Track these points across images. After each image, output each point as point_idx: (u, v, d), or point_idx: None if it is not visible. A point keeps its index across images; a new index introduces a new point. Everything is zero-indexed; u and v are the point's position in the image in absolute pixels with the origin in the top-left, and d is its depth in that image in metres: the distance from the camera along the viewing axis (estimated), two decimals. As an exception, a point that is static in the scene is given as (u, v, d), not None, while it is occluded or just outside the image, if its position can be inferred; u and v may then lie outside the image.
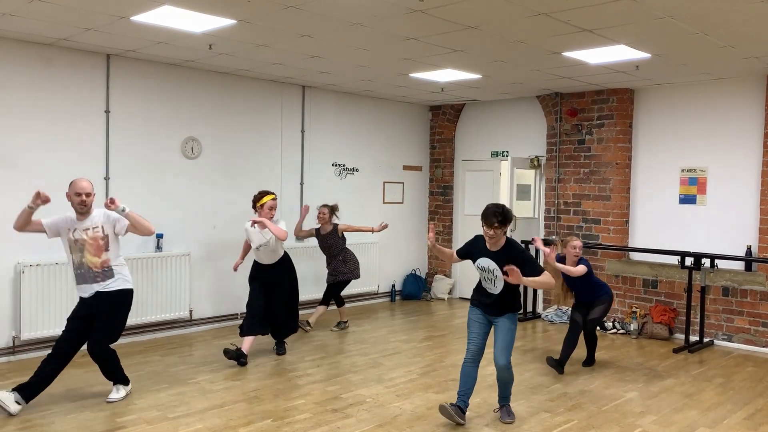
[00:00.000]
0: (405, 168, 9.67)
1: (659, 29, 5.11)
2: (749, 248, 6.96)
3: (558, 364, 5.91)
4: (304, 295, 7.86)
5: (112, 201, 4.63)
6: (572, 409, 4.92)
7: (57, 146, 6.18)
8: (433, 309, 8.94)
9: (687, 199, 7.53)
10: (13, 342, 5.99)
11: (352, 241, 8.77)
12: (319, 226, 7.39)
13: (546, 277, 4.38)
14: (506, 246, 4.45)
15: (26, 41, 5.91)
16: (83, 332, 4.83)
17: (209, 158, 7.31)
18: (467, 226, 9.63)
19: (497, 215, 4.35)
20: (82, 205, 4.71)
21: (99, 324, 4.81)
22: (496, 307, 4.52)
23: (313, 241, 7.62)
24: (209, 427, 4.42)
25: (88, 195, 4.72)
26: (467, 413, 4.64)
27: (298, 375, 5.67)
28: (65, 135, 6.23)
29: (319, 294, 7.94)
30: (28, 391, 4.65)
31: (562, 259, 6.04)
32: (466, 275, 9.65)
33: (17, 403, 4.59)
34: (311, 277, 8.19)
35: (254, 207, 6.19)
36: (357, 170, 8.96)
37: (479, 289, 4.66)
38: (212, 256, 7.37)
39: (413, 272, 9.70)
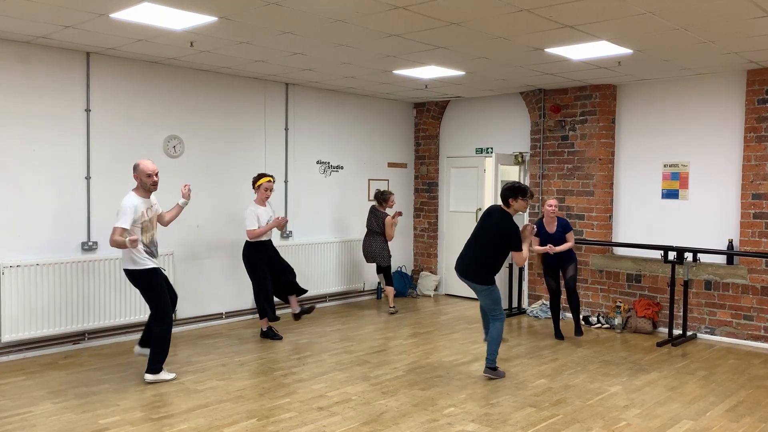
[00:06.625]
0: (390, 165, 9.66)
1: (640, 25, 5.13)
2: (731, 242, 7.03)
3: (558, 335, 7.03)
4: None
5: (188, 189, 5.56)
6: (557, 404, 4.95)
7: (37, 146, 6.10)
8: (419, 306, 8.95)
9: (669, 194, 7.58)
10: (-6, 344, 5.92)
11: (333, 238, 8.76)
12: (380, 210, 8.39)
13: None
14: None
15: (3, 39, 5.82)
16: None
17: (192, 157, 7.25)
18: (452, 222, 9.65)
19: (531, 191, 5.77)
20: (154, 185, 5.26)
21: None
22: None
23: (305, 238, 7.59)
24: (194, 427, 4.39)
25: (157, 174, 5.27)
26: (455, 410, 4.65)
27: (283, 374, 5.65)
28: (45, 135, 6.15)
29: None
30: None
31: (541, 223, 6.93)
32: (452, 272, 9.65)
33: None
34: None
35: (253, 187, 6.75)
36: (341, 168, 8.94)
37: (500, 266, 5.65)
38: (196, 256, 7.31)
39: (399, 269, 9.70)
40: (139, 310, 6.69)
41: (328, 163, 8.76)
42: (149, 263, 5.20)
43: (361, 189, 9.18)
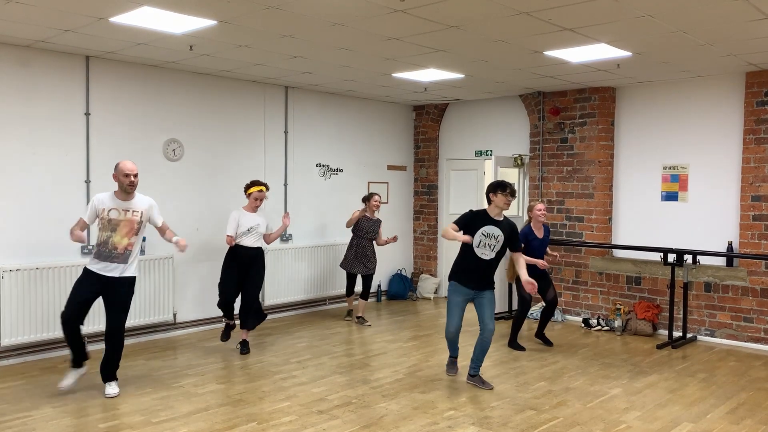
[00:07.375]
0: (389, 168, 9.67)
1: (639, 28, 5.14)
2: (730, 244, 7.03)
3: (517, 345, 6.73)
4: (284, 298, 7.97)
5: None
6: (558, 407, 4.94)
7: (36, 150, 6.10)
8: (419, 308, 8.95)
9: (669, 196, 7.59)
10: (-6, 348, 5.91)
11: (333, 241, 8.77)
12: (367, 213, 7.82)
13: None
14: (504, 218, 5.42)
15: (3, 43, 5.83)
16: (88, 307, 5.08)
17: (192, 160, 7.25)
18: (452, 225, 9.64)
19: (513, 187, 5.38)
20: (131, 185, 4.99)
21: (116, 307, 5.07)
22: (486, 278, 5.35)
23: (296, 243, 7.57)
24: (193, 431, 4.38)
25: (135, 175, 5.01)
26: (455, 412, 4.64)
27: (283, 377, 5.64)
28: (45, 138, 6.15)
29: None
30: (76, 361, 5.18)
31: (530, 229, 6.64)
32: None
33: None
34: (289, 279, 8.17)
35: (244, 193, 6.56)
36: (341, 170, 8.94)
37: (468, 266, 5.33)
38: (196, 259, 7.31)
39: (399, 272, 9.70)
40: (138, 314, 6.70)
41: (328, 165, 8.77)
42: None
43: (361, 192, 9.16)
